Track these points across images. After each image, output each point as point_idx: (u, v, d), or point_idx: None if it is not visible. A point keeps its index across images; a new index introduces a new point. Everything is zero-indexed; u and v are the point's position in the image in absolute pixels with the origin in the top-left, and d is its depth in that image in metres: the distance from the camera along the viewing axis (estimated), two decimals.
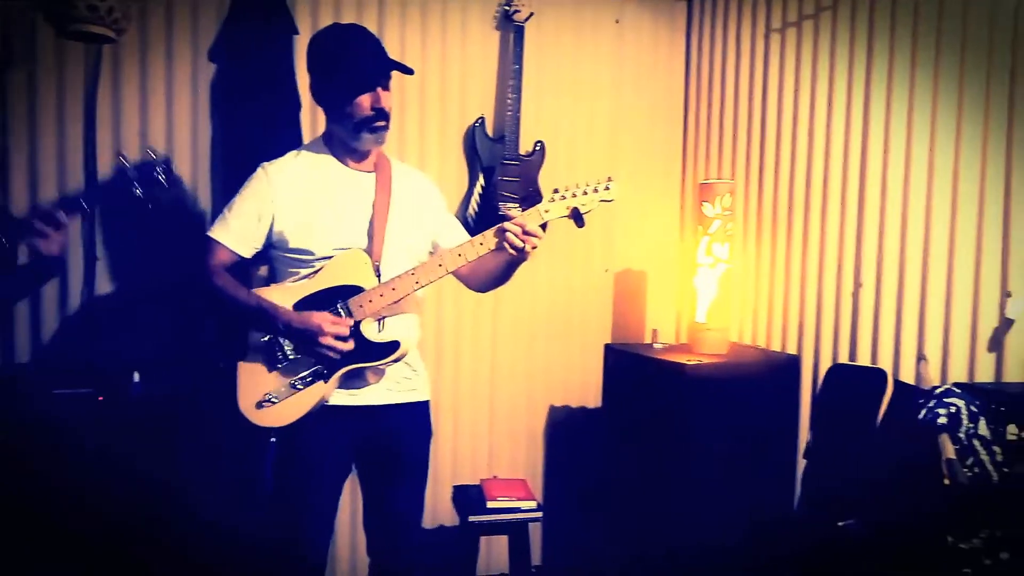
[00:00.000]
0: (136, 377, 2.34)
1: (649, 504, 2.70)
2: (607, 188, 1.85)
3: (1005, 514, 1.06)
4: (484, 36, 3.06)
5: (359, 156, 1.98)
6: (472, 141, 3.02)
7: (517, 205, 3.02)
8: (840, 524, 1.15)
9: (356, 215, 1.94)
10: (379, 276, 1.91)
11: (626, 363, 2.94)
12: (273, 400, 1.88)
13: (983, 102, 2.20)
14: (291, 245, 1.91)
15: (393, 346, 1.90)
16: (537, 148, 3.09)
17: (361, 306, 1.88)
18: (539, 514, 2.89)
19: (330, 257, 1.90)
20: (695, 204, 2.94)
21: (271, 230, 1.92)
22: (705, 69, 3.29)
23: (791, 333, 2.84)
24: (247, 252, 1.95)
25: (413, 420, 2.05)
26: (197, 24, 2.68)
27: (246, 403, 1.90)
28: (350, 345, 1.85)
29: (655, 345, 2.95)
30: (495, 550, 3.13)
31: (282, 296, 1.91)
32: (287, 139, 2.58)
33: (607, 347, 3.09)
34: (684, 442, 2.55)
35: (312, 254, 1.91)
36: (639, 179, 3.35)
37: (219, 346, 2.23)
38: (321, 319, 1.84)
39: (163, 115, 2.67)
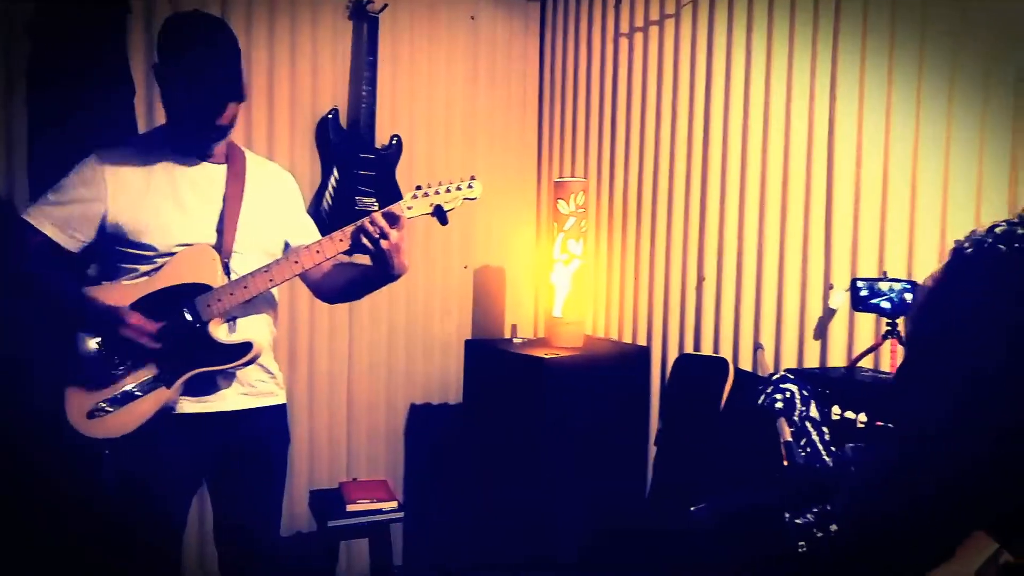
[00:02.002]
0: None
1: (509, 497, 2.74)
2: (470, 186, 1.84)
3: (834, 489, 1.16)
4: (336, 26, 2.96)
5: (207, 149, 1.84)
6: (325, 133, 2.91)
7: (374, 199, 2.96)
8: (692, 509, 1.21)
9: (204, 209, 1.81)
10: (229, 274, 1.79)
11: (486, 358, 2.96)
12: (107, 409, 1.71)
13: (827, 114, 2.39)
14: (129, 239, 1.75)
15: (245, 348, 1.79)
16: (394, 142, 3.03)
17: (209, 305, 1.75)
18: (400, 515, 2.85)
19: (173, 253, 1.77)
20: (550, 202, 3.00)
21: (103, 222, 1.75)
22: (559, 69, 3.37)
23: (641, 325, 2.97)
24: (70, 244, 1.75)
25: (271, 425, 1.94)
26: None
27: (76, 414, 1.71)
28: (156, 344, 1.71)
29: (514, 340, 2.99)
30: (356, 553, 3.05)
31: (117, 294, 1.74)
32: (121, 124, 2.39)
33: (467, 343, 3.10)
34: (542, 434, 2.60)
35: (153, 250, 1.76)
36: (496, 176, 3.37)
37: (40, 349, 2.00)
38: (122, 311, 1.70)
39: None
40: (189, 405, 1.80)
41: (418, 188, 1.82)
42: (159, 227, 1.76)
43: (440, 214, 1.81)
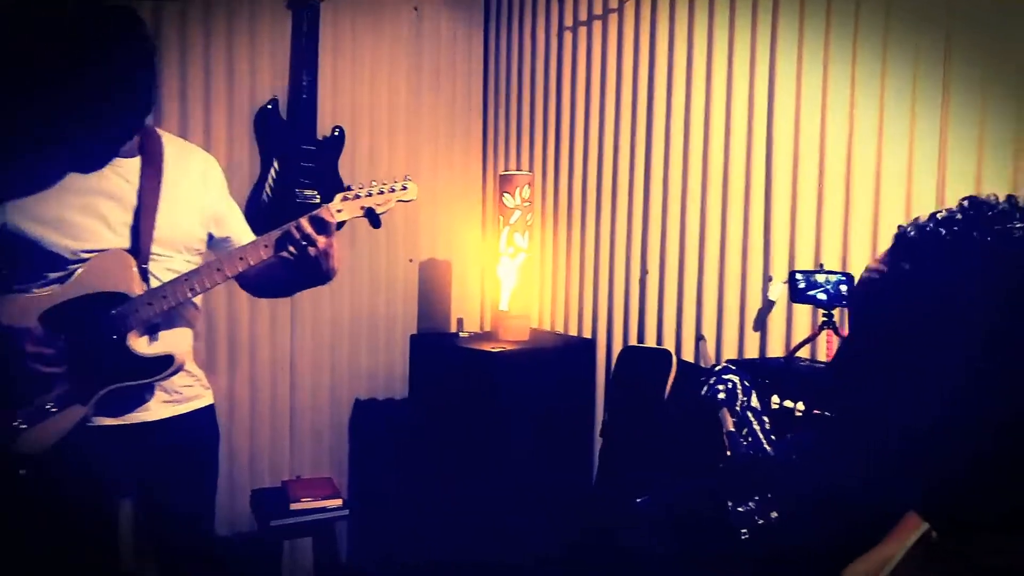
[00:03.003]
0: None
1: (456, 491, 2.73)
2: (404, 188, 1.76)
3: (774, 477, 1.19)
4: (275, 14, 2.89)
5: (120, 144, 1.69)
6: (264, 124, 2.84)
7: (316, 192, 2.90)
8: (638, 500, 1.23)
9: (116, 210, 1.66)
10: (147, 279, 1.67)
11: (432, 353, 2.94)
12: (22, 426, 1.60)
13: (766, 111, 2.44)
14: (34, 245, 1.61)
15: (167, 361, 1.68)
16: (336, 133, 2.98)
17: (126, 317, 1.63)
18: (345, 513, 2.81)
19: (84, 260, 1.63)
20: (496, 195, 3.00)
21: (3, 228, 1.61)
22: (503, 62, 3.36)
23: (586, 318, 3.00)
24: None
25: (199, 427, 1.84)
26: None
27: None
28: (56, 369, 1.60)
29: (461, 334, 2.98)
30: (300, 552, 3.00)
31: (20, 308, 1.61)
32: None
33: (413, 337, 3.08)
34: (490, 427, 2.60)
35: (62, 256, 1.62)
36: (441, 169, 3.35)
37: None
38: (17, 335, 1.57)
39: None
40: (108, 419, 1.69)
41: (348, 189, 1.74)
42: (67, 230, 1.62)
43: (372, 217, 1.73)
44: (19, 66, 1.59)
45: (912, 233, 0.70)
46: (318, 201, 2.92)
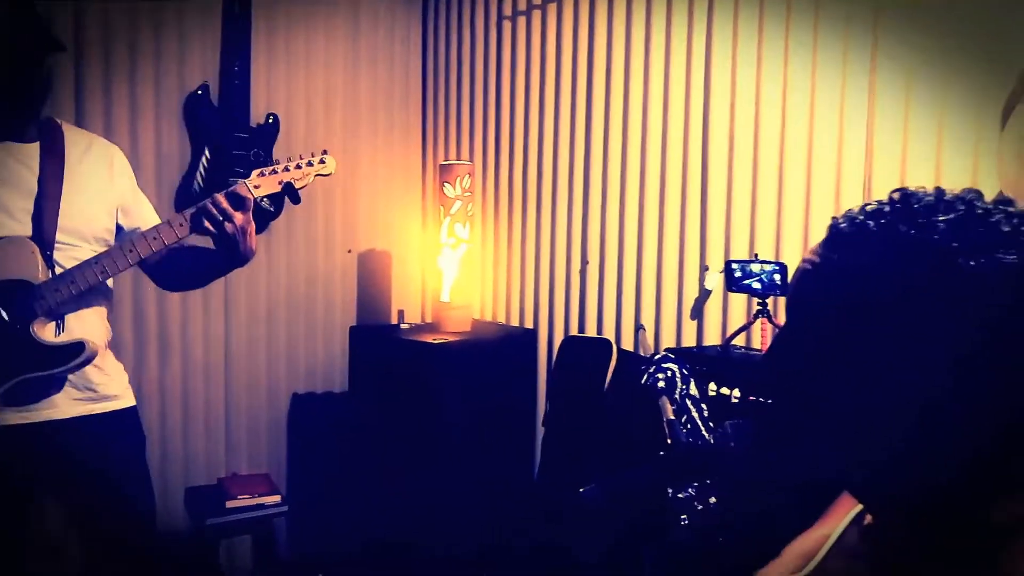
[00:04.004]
0: None
1: (398, 485, 2.70)
2: (322, 161, 1.73)
3: (712, 464, 1.22)
4: None
5: (15, 130, 1.63)
6: (194, 111, 2.75)
7: None
8: (581, 490, 1.24)
9: (15, 196, 1.60)
10: (52, 267, 1.61)
11: (373, 345, 2.90)
12: None
13: (702, 103, 2.48)
14: None
15: (77, 348, 1.60)
16: (270, 120, 2.90)
17: (30, 305, 1.56)
18: (284, 509, 2.76)
19: None
20: (436, 185, 2.97)
21: None
22: (442, 51, 3.33)
23: (528, 308, 3.00)
24: None
25: (118, 430, 1.74)
26: None
27: None
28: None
29: (402, 326, 2.95)
30: (239, 550, 2.93)
31: None
32: None
33: (352, 329, 3.03)
34: (432, 419, 2.59)
35: None
36: (380, 158, 3.30)
37: None
38: None
39: None
40: (13, 415, 1.60)
41: (266, 165, 1.72)
42: None
43: (291, 192, 1.70)
44: None
45: (842, 225, 0.72)
46: None
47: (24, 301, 1.57)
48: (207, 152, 2.76)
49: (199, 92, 2.74)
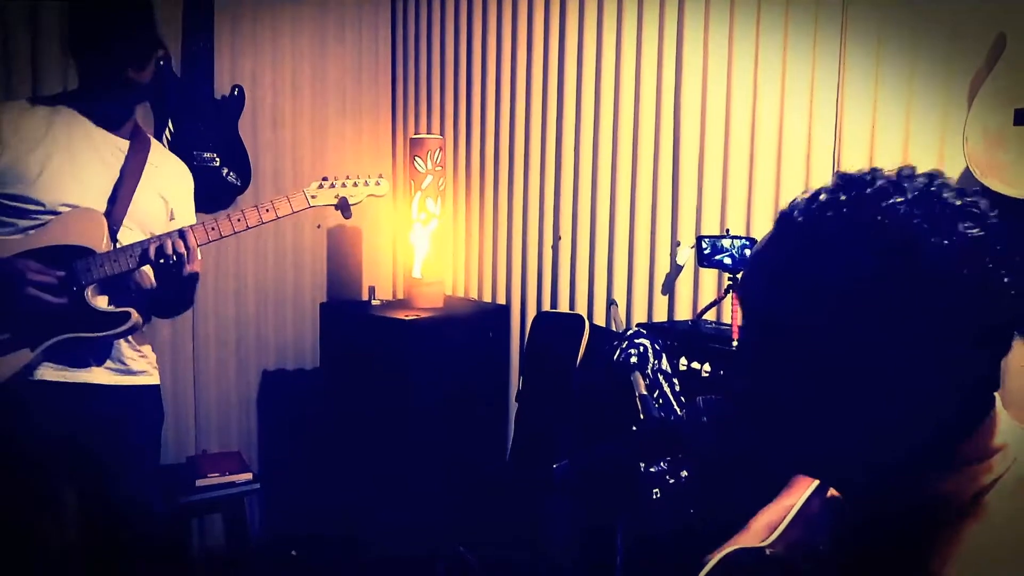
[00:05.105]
0: None
1: (371, 461, 2.70)
2: (378, 183, 1.99)
3: (684, 439, 1.23)
4: None
5: (114, 122, 1.82)
6: (156, 81, 2.66)
7: (215, 154, 2.76)
8: (554, 466, 1.25)
9: (99, 174, 1.77)
10: (115, 243, 1.76)
11: (344, 322, 2.88)
12: None
13: (673, 79, 2.47)
14: (10, 190, 1.68)
15: (124, 317, 1.74)
16: (235, 93, 2.83)
17: (89, 270, 1.71)
18: (256, 487, 2.74)
19: (58, 212, 1.71)
20: (407, 159, 2.93)
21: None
22: (412, 23, 3.27)
23: (500, 284, 3.00)
24: None
25: (142, 403, 1.89)
26: None
27: None
28: (60, 300, 1.66)
29: (373, 302, 2.92)
30: (210, 528, 2.92)
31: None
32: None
33: (322, 306, 3.00)
34: (404, 396, 2.58)
35: (38, 205, 1.69)
36: (349, 131, 3.25)
37: None
38: (24, 264, 1.65)
39: None
40: (49, 372, 1.73)
41: (324, 179, 1.93)
42: (48, 180, 1.70)
43: (344, 206, 1.94)
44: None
45: (796, 216, 0.72)
46: (218, 164, 2.78)
47: (85, 266, 1.71)
48: (170, 123, 2.69)
49: (160, 62, 2.65)
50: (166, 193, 1.90)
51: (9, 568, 1.75)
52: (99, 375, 1.79)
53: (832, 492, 0.96)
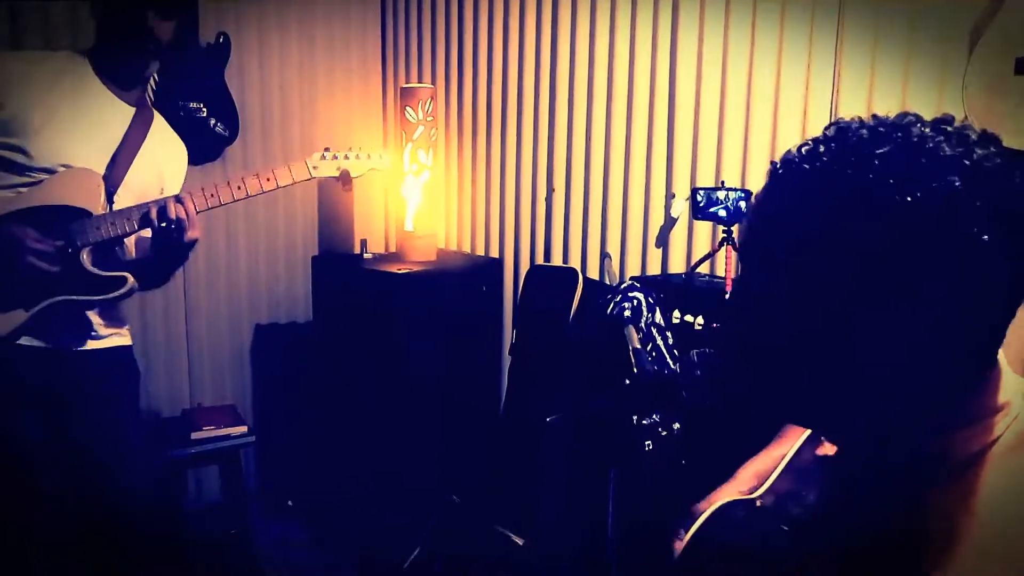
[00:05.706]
0: None
1: (364, 413, 2.72)
2: (381, 158, 1.96)
3: (676, 390, 1.24)
4: None
5: (126, 83, 1.77)
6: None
7: (201, 104, 2.70)
8: (548, 420, 1.25)
9: (102, 139, 1.73)
10: (111, 206, 1.73)
11: (336, 275, 2.86)
12: None
13: (669, 30, 2.41)
14: (9, 141, 1.64)
15: (120, 282, 1.70)
16: (220, 40, 2.76)
17: (85, 232, 1.67)
18: (251, 439, 2.76)
19: (54, 171, 1.67)
20: (398, 109, 2.88)
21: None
22: None
23: (494, 237, 2.98)
24: None
25: (118, 364, 1.88)
26: None
27: None
28: (56, 266, 1.64)
29: (365, 255, 2.90)
30: (206, 481, 2.95)
31: None
32: None
33: (314, 259, 2.98)
34: (398, 350, 2.58)
35: (35, 159, 1.65)
36: (338, 80, 3.18)
37: None
38: (23, 232, 1.61)
39: None
40: (29, 338, 1.71)
41: (327, 150, 1.91)
42: (50, 135, 1.65)
43: (346, 178, 1.92)
44: None
45: (780, 170, 0.71)
46: (205, 114, 2.73)
47: (81, 228, 1.67)
48: (155, 74, 2.62)
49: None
50: (162, 168, 1.87)
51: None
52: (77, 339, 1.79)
53: (824, 449, 0.97)
